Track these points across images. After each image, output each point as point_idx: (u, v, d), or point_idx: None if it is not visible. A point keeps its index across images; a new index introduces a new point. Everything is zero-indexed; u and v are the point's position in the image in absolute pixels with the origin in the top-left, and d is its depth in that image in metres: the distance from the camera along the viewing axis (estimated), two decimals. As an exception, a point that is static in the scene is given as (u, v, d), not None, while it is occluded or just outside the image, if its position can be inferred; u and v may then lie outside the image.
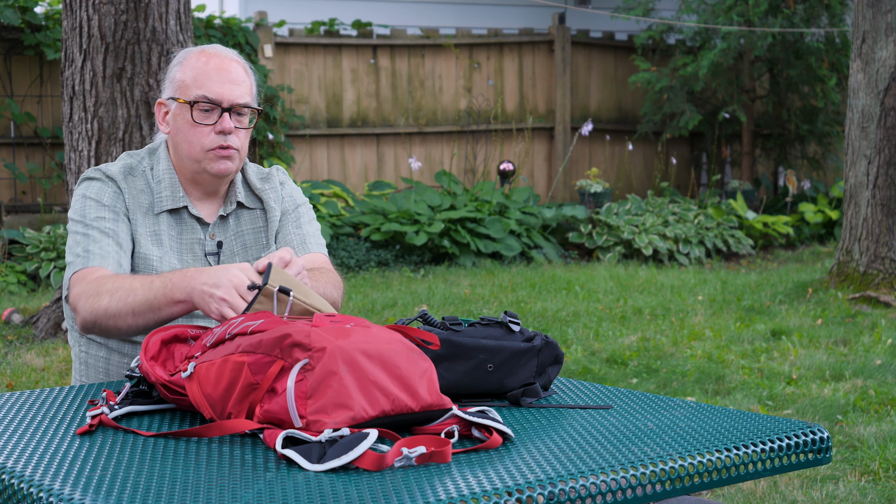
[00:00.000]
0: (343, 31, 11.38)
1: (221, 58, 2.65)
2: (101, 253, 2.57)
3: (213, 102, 2.60)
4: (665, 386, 5.68)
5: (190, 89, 2.61)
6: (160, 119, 2.70)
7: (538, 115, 11.96)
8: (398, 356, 1.93)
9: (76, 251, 2.59)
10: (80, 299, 2.50)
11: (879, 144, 8.06)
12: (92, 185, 2.66)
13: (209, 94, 2.60)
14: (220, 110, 2.61)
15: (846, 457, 4.50)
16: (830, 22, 11.64)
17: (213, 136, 2.62)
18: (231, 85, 2.62)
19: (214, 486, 1.67)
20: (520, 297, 8.07)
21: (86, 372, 2.72)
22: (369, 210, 9.73)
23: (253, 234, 2.75)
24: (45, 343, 6.42)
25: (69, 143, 6.27)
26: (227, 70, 2.63)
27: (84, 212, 2.62)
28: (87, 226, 2.60)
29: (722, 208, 10.84)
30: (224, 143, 2.62)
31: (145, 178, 2.69)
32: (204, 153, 2.63)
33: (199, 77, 2.61)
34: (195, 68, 2.63)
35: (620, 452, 1.86)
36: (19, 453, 1.86)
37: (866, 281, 8.02)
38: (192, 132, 2.63)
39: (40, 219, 8.99)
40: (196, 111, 2.61)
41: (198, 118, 2.61)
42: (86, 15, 6.06)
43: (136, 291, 2.43)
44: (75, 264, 2.58)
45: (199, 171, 2.66)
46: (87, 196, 2.64)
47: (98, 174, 2.67)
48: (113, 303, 2.44)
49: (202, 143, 2.62)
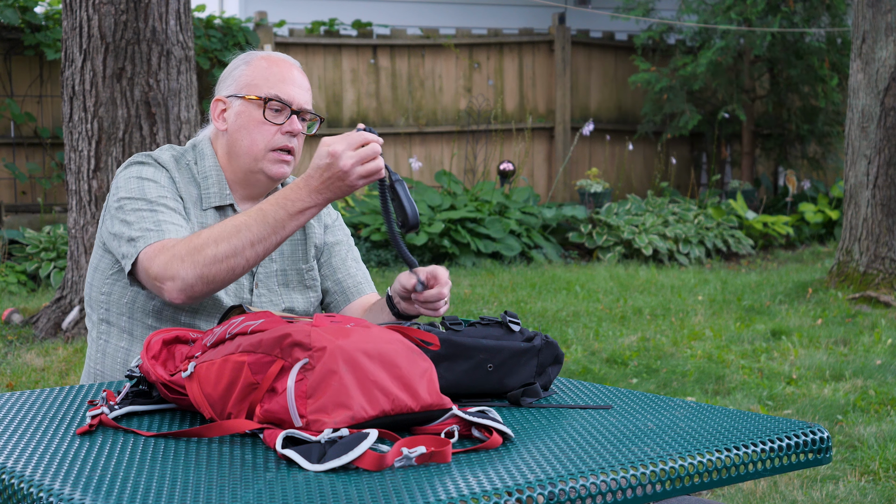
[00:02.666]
0: (343, 31, 11.38)
1: (289, 64, 2.71)
2: (176, 225, 2.52)
3: (284, 103, 2.64)
4: (665, 386, 5.68)
5: (261, 88, 2.65)
6: (215, 116, 2.71)
7: (538, 115, 11.96)
8: (398, 356, 1.93)
9: (144, 225, 2.50)
10: (171, 264, 2.41)
11: (879, 144, 8.07)
12: (145, 168, 2.62)
13: (282, 95, 2.64)
14: (289, 111, 2.65)
15: (846, 457, 4.50)
16: (831, 22, 11.64)
17: (279, 136, 2.65)
18: (300, 89, 2.67)
19: (214, 486, 1.67)
20: (520, 297, 8.07)
21: (102, 360, 2.70)
22: (369, 210, 9.74)
23: (290, 243, 2.76)
24: (45, 343, 6.42)
25: (69, 143, 6.27)
26: (294, 76, 2.69)
27: (144, 191, 2.57)
28: (151, 202, 2.55)
29: (722, 208, 10.84)
30: (289, 145, 2.65)
31: (190, 171, 2.69)
32: (265, 152, 2.65)
33: (270, 78, 2.66)
34: (265, 70, 2.68)
35: (620, 452, 1.86)
36: (19, 453, 1.86)
37: (866, 281, 8.02)
38: (257, 129, 2.65)
39: (40, 219, 8.99)
40: (268, 109, 2.64)
41: (269, 116, 2.64)
42: (86, 15, 6.06)
43: (245, 226, 2.40)
44: (147, 237, 2.48)
45: (255, 171, 2.67)
46: (143, 178, 2.59)
47: (149, 160, 2.64)
48: (222, 247, 2.39)
49: (267, 141, 2.64)
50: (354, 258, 2.85)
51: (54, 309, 6.66)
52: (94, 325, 2.72)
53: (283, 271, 2.74)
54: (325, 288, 2.81)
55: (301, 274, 2.77)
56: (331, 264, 2.80)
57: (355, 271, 2.82)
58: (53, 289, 7.81)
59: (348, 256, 2.84)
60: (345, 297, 2.79)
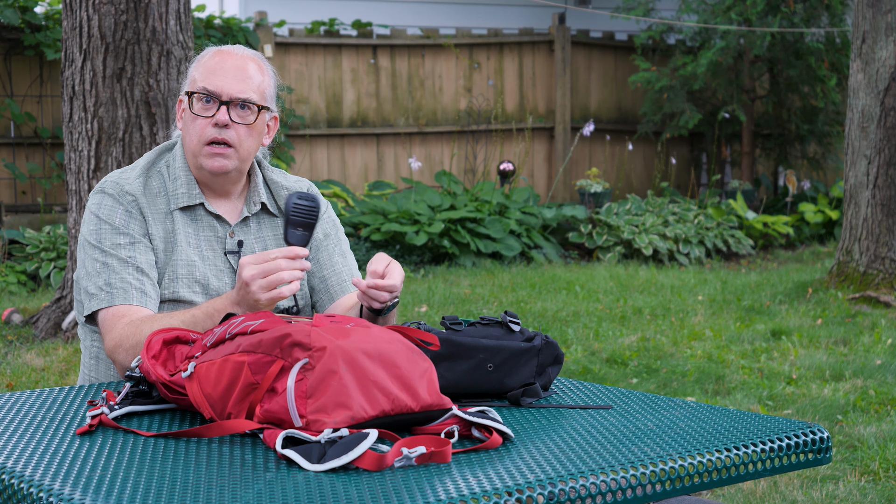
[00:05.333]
0: (343, 31, 11.38)
1: (234, 55, 2.66)
2: (123, 286, 2.55)
3: (211, 94, 2.61)
4: (665, 386, 5.68)
5: (196, 82, 2.63)
6: (178, 115, 2.70)
7: (538, 115, 11.96)
8: (398, 356, 1.93)
9: (97, 282, 2.56)
10: (118, 351, 2.49)
11: (879, 144, 8.06)
12: (104, 204, 2.62)
13: (209, 86, 2.61)
14: (218, 103, 2.61)
15: (846, 457, 4.50)
16: (830, 22, 11.64)
17: (209, 128, 2.61)
18: (234, 80, 2.62)
19: (214, 486, 1.67)
20: (520, 297, 8.07)
21: (96, 367, 2.71)
22: (369, 210, 9.73)
23: (274, 240, 2.74)
24: (45, 343, 6.42)
25: (69, 143, 6.27)
26: (236, 67, 2.64)
27: (99, 236, 2.60)
28: (104, 252, 2.58)
29: (722, 208, 10.84)
30: (218, 137, 2.60)
31: (162, 177, 2.69)
32: (200, 147, 2.62)
33: (206, 71, 2.63)
34: (206, 64, 2.65)
35: (620, 452, 1.86)
36: (19, 453, 1.86)
37: (866, 281, 8.02)
38: (191, 124, 2.63)
39: (40, 219, 8.99)
40: (196, 102, 2.62)
41: (197, 110, 2.62)
42: (86, 15, 6.06)
43: None
44: (99, 298, 2.55)
45: (198, 167, 2.65)
46: (101, 217, 2.61)
47: (114, 189, 2.64)
48: None
49: (200, 135, 2.62)
50: (342, 252, 2.81)
51: (54, 309, 6.66)
52: (87, 332, 2.72)
53: None
54: (311, 285, 2.78)
55: None
56: (318, 260, 2.77)
57: (340, 268, 2.78)
58: (53, 289, 7.81)
59: (335, 252, 2.80)
60: (329, 296, 2.76)
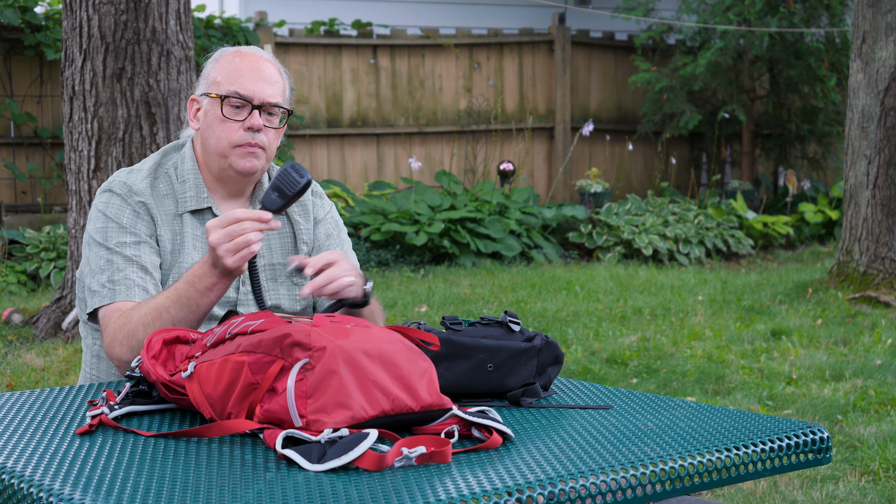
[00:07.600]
0: (343, 31, 11.38)
1: (256, 57, 2.67)
2: (126, 283, 2.55)
3: (244, 99, 2.61)
4: (665, 386, 5.68)
5: (222, 85, 2.63)
6: (191, 116, 2.70)
7: (538, 115, 11.96)
8: (398, 356, 1.93)
9: (101, 279, 2.57)
10: (114, 345, 2.50)
11: (879, 144, 8.06)
12: (111, 202, 2.63)
13: (241, 91, 2.61)
14: (250, 107, 2.62)
15: (846, 457, 4.50)
16: (830, 22, 11.64)
17: (241, 132, 2.62)
18: (263, 83, 2.63)
19: (214, 486, 1.67)
20: (520, 297, 8.07)
21: (97, 365, 2.71)
22: (369, 210, 9.73)
23: (279, 238, 2.74)
24: (45, 343, 6.42)
25: (69, 143, 6.27)
26: (260, 69, 2.65)
27: (106, 234, 2.60)
28: (109, 250, 2.58)
29: (722, 208, 10.84)
30: (252, 140, 2.62)
31: (169, 179, 2.69)
32: (231, 149, 2.63)
33: (232, 74, 2.63)
34: (229, 66, 2.65)
35: (620, 452, 1.86)
36: (19, 453, 1.86)
37: (866, 281, 8.02)
38: (221, 127, 2.63)
39: (40, 219, 8.99)
40: (227, 106, 2.62)
41: (228, 114, 2.62)
42: (86, 15, 6.06)
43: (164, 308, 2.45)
44: (101, 295, 2.56)
45: (226, 168, 2.66)
46: (108, 216, 2.62)
47: (122, 189, 2.64)
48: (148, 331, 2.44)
49: (230, 138, 2.62)
50: (350, 249, 2.84)
51: (54, 309, 6.66)
52: (89, 331, 2.72)
53: (272, 266, 2.72)
54: None
55: None
56: None
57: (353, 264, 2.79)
58: (53, 289, 7.81)
59: (344, 248, 2.82)
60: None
